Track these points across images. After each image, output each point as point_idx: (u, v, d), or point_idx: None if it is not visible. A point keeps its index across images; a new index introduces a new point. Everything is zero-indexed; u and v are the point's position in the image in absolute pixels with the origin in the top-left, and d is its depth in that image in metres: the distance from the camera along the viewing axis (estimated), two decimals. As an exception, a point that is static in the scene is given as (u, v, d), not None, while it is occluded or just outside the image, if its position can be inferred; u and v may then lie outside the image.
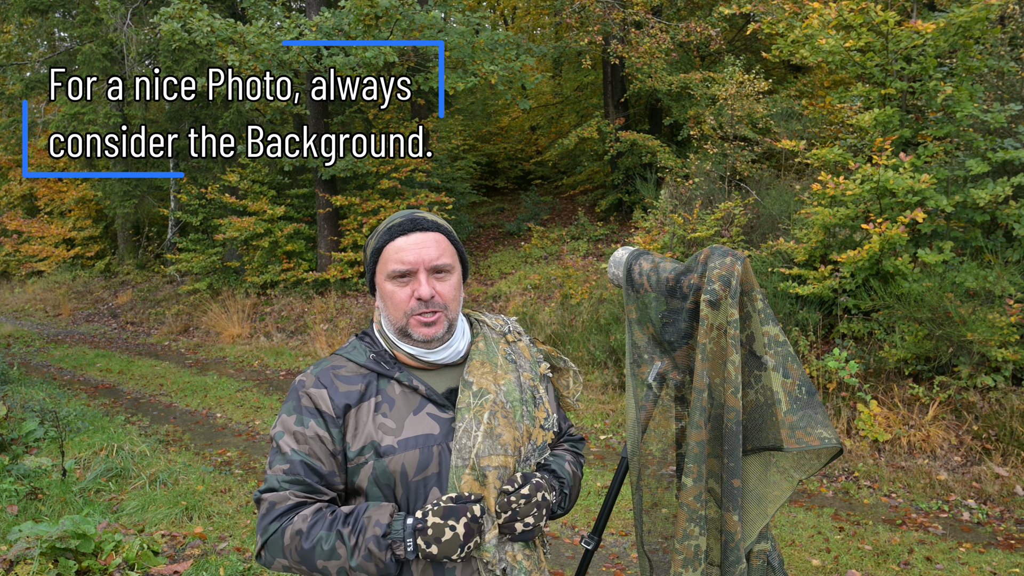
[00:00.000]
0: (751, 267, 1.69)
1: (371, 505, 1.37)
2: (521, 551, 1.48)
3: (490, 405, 1.47)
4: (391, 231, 1.48)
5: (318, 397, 1.44)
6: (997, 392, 5.17)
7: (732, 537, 1.59)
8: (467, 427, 1.44)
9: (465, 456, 1.42)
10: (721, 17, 10.09)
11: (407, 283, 1.46)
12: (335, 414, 1.43)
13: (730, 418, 1.58)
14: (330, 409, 1.43)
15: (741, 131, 8.72)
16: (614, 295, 7.96)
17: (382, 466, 1.40)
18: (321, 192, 11.71)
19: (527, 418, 1.53)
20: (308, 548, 1.33)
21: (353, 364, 1.50)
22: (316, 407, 1.43)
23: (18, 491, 4.79)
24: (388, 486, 1.41)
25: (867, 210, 5.96)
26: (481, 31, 10.27)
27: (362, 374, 1.48)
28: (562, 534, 4.38)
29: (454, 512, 1.32)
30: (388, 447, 1.41)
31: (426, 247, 1.46)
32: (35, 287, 17.69)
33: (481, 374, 1.51)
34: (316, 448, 1.41)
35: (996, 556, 3.97)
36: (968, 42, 5.75)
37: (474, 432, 1.44)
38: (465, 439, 1.43)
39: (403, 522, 1.32)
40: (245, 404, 7.75)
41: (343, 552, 1.32)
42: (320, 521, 1.35)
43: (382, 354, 1.51)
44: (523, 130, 18.71)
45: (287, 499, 1.39)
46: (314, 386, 1.45)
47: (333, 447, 1.42)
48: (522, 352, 1.62)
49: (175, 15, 9.48)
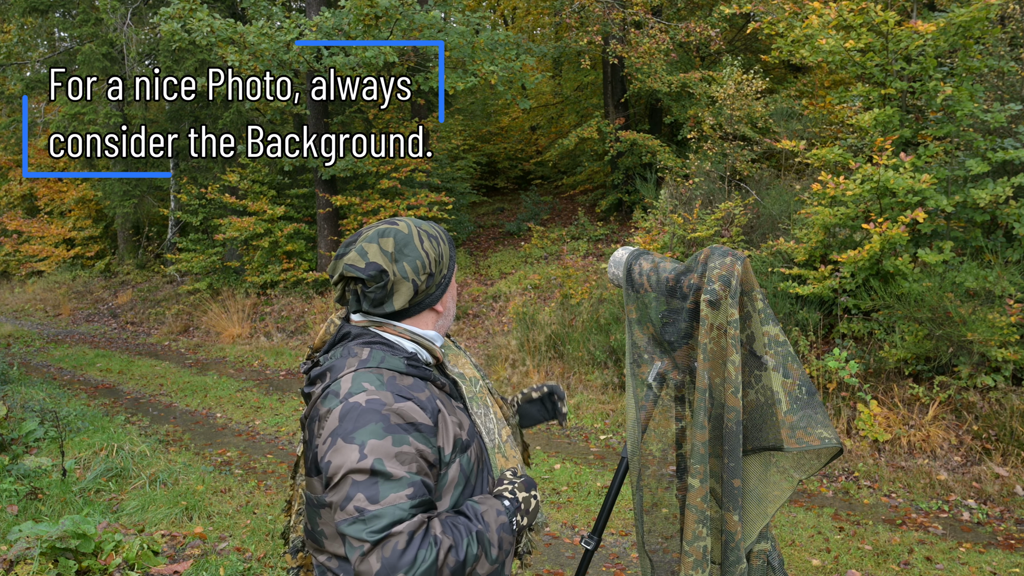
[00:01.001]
0: (751, 267, 1.69)
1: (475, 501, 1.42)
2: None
3: (481, 388, 1.63)
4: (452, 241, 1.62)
5: (408, 411, 1.35)
6: (997, 392, 5.17)
7: (732, 537, 1.59)
8: (481, 412, 1.58)
9: (493, 438, 1.57)
10: (721, 17, 10.09)
11: None
12: (431, 422, 1.37)
13: (730, 418, 1.58)
14: (426, 419, 1.36)
15: (741, 130, 8.72)
16: (614, 295, 7.96)
17: (467, 459, 1.46)
18: (321, 192, 11.71)
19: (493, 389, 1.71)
20: (462, 560, 1.30)
21: (399, 373, 1.42)
22: (410, 421, 1.34)
23: (18, 491, 4.79)
24: (467, 477, 1.46)
25: (867, 210, 5.96)
26: (481, 31, 10.27)
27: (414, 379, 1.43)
28: (562, 534, 4.38)
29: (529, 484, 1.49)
30: (465, 441, 1.46)
31: None
32: (35, 287, 17.68)
33: (461, 365, 1.64)
34: (422, 464, 1.34)
35: (996, 556, 3.97)
36: (968, 42, 5.75)
37: (488, 415, 1.59)
38: (487, 423, 1.58)
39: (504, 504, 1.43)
40: (245, 404, 7.74)
41: (481, 553, 1.35)
42: (453, 531, 1.32)
43: (412, 359, 1.48)
44: (523, 130, 18.71)
45: (422, 523, 1.30)
46: (397, 401, 1.35)
47: (433, 458, 1.37)
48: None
49: (175, 15, 9.47)
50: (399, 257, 1.44)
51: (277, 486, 5.28)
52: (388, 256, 1.44)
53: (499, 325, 9.22)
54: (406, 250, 1.45)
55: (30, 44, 15.98)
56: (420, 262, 1.45)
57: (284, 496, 5.04)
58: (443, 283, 1.53)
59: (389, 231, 1.47)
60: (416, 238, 1.48)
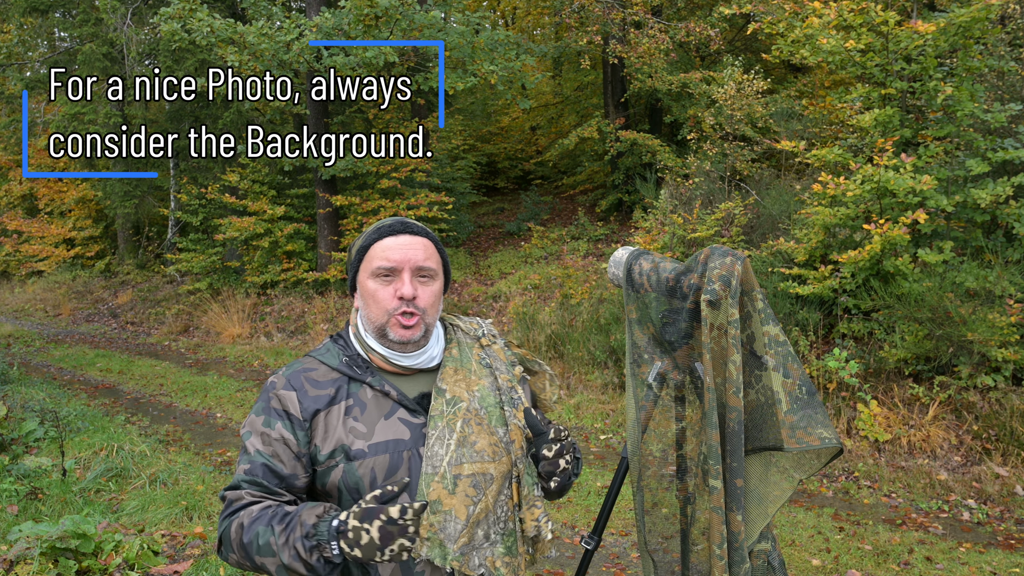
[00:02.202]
0: (751, 267, 1.69)
1: (308, 505, 1.33)
2: (501, 558, 1.46)
3: (463, 413, 1.47)
4: (380, 231, 1.50)
5: (287, 399, 1.45)
6: (997, 392, 5.17)
7: (736, 537, 1.59)
8: (440, 435, 1.44)
9: (436, 464, 1.41)
10: (721, 17, 10.09)
11: (390, 282, 1.47)
12: (303, 417, 1.44)
13: (732, 418, 1.58)
14: (298, 412, 1.44)
15: (741, 130, 8.72)
16: (614, 295, 7.96)
17: (351, 470, 1.40)
18: (321, 192, 11.71)
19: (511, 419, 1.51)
20: (247, 542, 1.34)
21: (325, 367, 1.49)
22: (284, 409, 1.44)
23: (18, 491, 4.79)
24: (357, 490, 1.40)
25: (867, 210, 5.96)
26: (481, 31, 10.27)
27: (333, 378, 1.48)
28: (562, 534, 4.38)
29: (370, 515, 1.25)
30: (358, 451, 1.41)
31: (413, 248, 1.48)
32: (35, 287, 17.69)
33: (454, 381, 1.50)
34: (279, 450, 1.42)
35: (996, 556, 3.97)
36: (968, 42, 5.75)
37: (447, 440, 1.43)
38: (437, 447, 1.42)
39: (328, 524, 1.27)
40: (245, 404, 7.74)
41: (276, 549, 1.30)
42: (261, 517, 1.35)
43: (355, 358, 1.51)
44: (523, 130, 18.71)
45: (241, 498, 1.41)
46: (284, 388, 1.46)
47: (298, 449, 1.43)
48: (497, 355, 1.61)
49: (175, 15, 9.48)
50: None
51: (277, 486, 5.28)
52: None
53: (499, 325, 9.22)
54: None
55: (30, 44, 15.98)
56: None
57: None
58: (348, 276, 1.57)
59: None
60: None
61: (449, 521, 1.39)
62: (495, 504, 1.45)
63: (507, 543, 1.48)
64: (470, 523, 1.41)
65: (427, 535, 1.38)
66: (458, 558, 1.40)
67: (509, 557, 1.47)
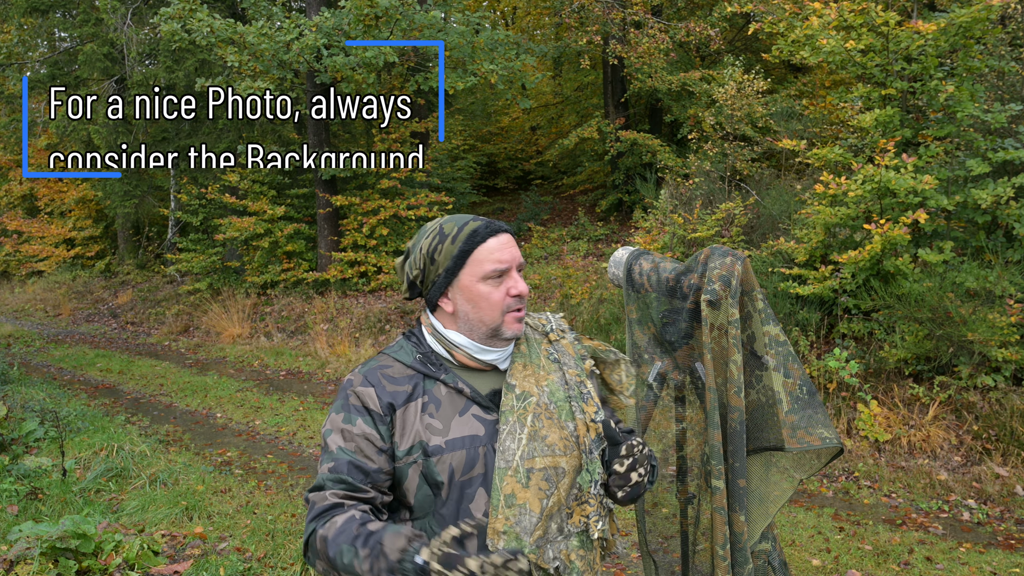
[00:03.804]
0: (751, 267, 1.69)
1: (389, 529, 1.31)
2: (577, 550, 1.49)
3: (533, 408, 1.50)
4: (480, 233, 1.50)
5: (365, 395, 1.46)
6: (997, 392, 5.17)
7: (739, 538, 1.59)
8: (511, 430, 1.47)
9: (508, 458, 1.44)
10: (721, 16, 10.09)
11: (501, 282, 1.49)
12: (382, 412, 1.45)
13: (734, 418, 1.58)
14: (377, 407, 1.45)
15: (741, 130, 8.72)
16: (614, 295, 7.96)
17: (430, 466, 1.43)
18: (321, 192, 11.71)
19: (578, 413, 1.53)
20: (332, 556, 1.35)
21: (400, 364, 1.52)
22: (364, 405, 1.46)
23: (18, 491, 4.79)
24: (436, 485, 1.43)
25: (868, 210, 5.96)
26: (481, 31, 10.26)
27: (409, 375, 1.50)
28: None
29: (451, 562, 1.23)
30: (436, 447, 1.44)
31: (512, 247, 1.52)
32: (35, 287, 17.68)
33: (523, 377, 1.53)
34: (363, 446, 1.44)
35: (996, 556, 3.97)
36: (969, 42, 5.75)
37: (518, 435, 1.47)
38: (509, 441, 1.46)
39: (412, 562, 1.26)
40: (245, 404, 7.74)
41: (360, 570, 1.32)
42: (345, 532, 1.35)
43: (428, 355, 1.53)
44: (523, 130, 18.71)
45: (325, 499, 1.41)
46: (362, 384, 1.47)
47: (381, 444, 1.44)
48: (566, 349, 1.63)
49: (175, 15, 9.47)
50: (409, 251, 1.57)
51: (277, 486, 5.27)
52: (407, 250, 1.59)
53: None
54: (414, 246, 1.56)
55: (30, 44, 15.98)
56: (414, 257, 1.54)
57: (285, 496, 5.05)
58: (437, 281, 1.52)
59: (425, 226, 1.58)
60: (425, 234, 1.54)
61: (524, 515, 1.43)
62: (567, 498, 1.48)
63: (580, 537, 1.51)
64: (544, 516, 1.44)
65: (504, 528, 1.42)
66: (534, 551, 1.43)
67: (583, 551, 1.51)
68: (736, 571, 1.60)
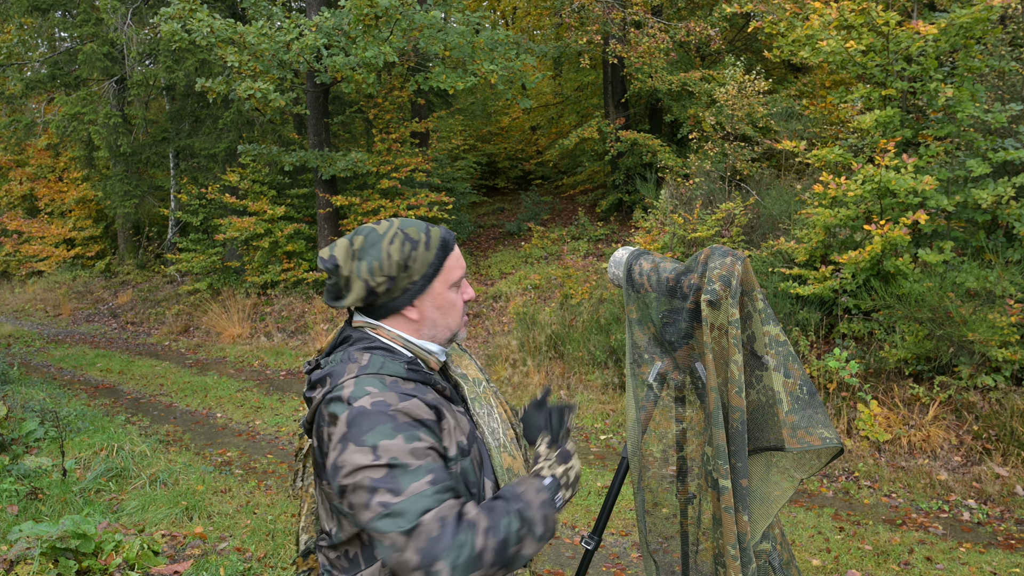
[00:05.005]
0: (751, 267, 1.69)
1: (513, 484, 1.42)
2: None
3: (484, 389, 1.63)
4: (446, 241, 1.53)
5: (414, 409, 1.35)
6: (997, 392, 5.17)
7: (743, 537, 1.59)
8: (488, 411, 1.58)
9: (497, 437, 1.56)
10: (721, 16, 10.09)
11: (459, 288, 1.57)
12: (435, 417, 1.38)
13: (735, 418, 1.58)
14: (430, 415, 1.37)
15: (741, 130, 8.72)
16: (614, 295, 7.96)
17: (468, 464, 1.45)
18: (321, 192, 11.71)
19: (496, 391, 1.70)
20: (503, 539, 1.27)
21: (399, 378, 1.42)
22: (417, 419, 1.34)
23: (18, 491, 4.79)
24: (471, 483, 1.45)
25: (868, 210, 5.96)
26: (481, 31, 10.26)
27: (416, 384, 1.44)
28: (562, 534, 4.38)
29: (564, 456, 1.48)
30: (464, 445, 1.47)
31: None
32: (35, 287, 17.68)
33: (465, 366, 1.65)
34: (438, 459, 1.34)
35: (996, 556, 3.97)
36: (969, 42, 5.75)
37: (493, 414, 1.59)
38: (489, 421, 1.57)
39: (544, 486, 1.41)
40: (245, 404, 7.74)
41: (524, 532, 1.31)
42: (494, 512, 1.30)
43: (412, 362, 1.49)
44: (523, 130, 18.71)
45: (453, 507, 1.27)
46: (401, 400, 1.35)
47: (443, 453, 1.39)
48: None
49: (175, 15, 9.47)
50: (361, 255, 1.45)
51: (277, 486, 5.27)
52: (351, 253, 1.46)
53: (499, 325, 9.22)
54: (371, 250, 1.45)
55: (30, 44, 15.98)
56: (378, 263, 1.44)
57: (285, 496, 5.05)
58: (411, 289, 1.48)
59: (365, 229, 1.49)
60: (387, 240, 1.45)
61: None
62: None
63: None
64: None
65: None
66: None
67: None
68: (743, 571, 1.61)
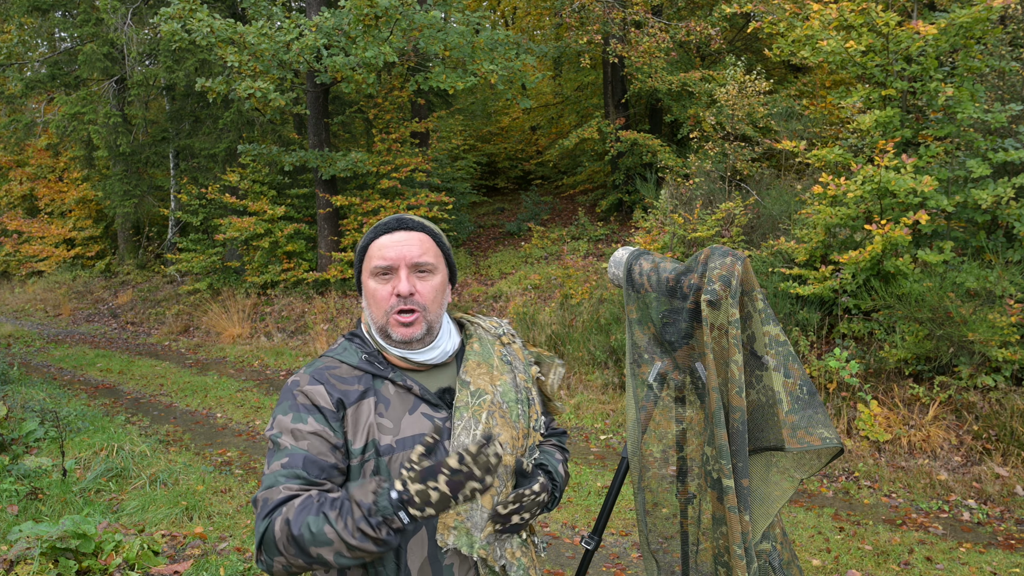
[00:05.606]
0: (751, 267, 1.69)
1: (352, 486, 1.30)
2: (519, 547, 1.50)
3: (488, 405, 1.49)
4: (377, 229, 1.50)
5: (315, 394, 1.42)
6: (997, 392, 5.16)
7: (745, 537, 1.59)
8: (466, 425, 1.45)
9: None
10: (721, 16, 10.09)
11: (388, 280, 1.46)
12: (334, 408, 1.42)
13: (736, 418, 1.58)
14: (329, 405, 1.41)
15: (741, 130, 8.72)
16: (614, 295, 7.96)
17: (382, 465, 1.40)
18: (321, 192, 11.72)
19: (523, 418, 1.55)
20: (298, 535, 1.26)
21: (347, 365, 1.48)
22: (314, 403, 1.41)
23: (18, 491, 4.79)
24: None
25: (868, 211, 5.96)
26: (481, 31, 10.26)
27: (357, 375, 1.47)
28: (562, 534, 4.38)
29: (430, 473, 1.24)
30: (386, 446, 1.41)
31: (409, 245, 1.47)
32: (35, 287, 17.68)
33: (478, 375, 1.52)
34: (316, 443, 1.38)
35: (996, 556, 3.97)
36: (969, 42, 5.75)
37: (473, 430, 1.45)
38: (464, 436, 1.44)
39: (387, 497, 1.25)
40: (245, 404, 7.74)
41: (333, 536, 1.25)
42: (307, 507, 1.29)
43: (374, 355, 1.50)
44: (523, 130, 18.71)
45: (279, 492, 1.33)
46: (310, 384, 1.43)
47: (335, 440, 1.40)
48: (516, 354, 1.63)
49: (175, 15, 9.47)
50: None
51: (277, 486, 5.27)
52: None
53: (499, 325, 9.21)
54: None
55: (30, 44, 15.97)
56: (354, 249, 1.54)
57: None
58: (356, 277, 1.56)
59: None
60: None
61: (475, 510, 1.42)
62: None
63: (521, 536, 1.52)
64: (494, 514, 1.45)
65: (454, 524, 1.41)
66: (485, 547, 1.42)
67: (525, 548, 1.52)
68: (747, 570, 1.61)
